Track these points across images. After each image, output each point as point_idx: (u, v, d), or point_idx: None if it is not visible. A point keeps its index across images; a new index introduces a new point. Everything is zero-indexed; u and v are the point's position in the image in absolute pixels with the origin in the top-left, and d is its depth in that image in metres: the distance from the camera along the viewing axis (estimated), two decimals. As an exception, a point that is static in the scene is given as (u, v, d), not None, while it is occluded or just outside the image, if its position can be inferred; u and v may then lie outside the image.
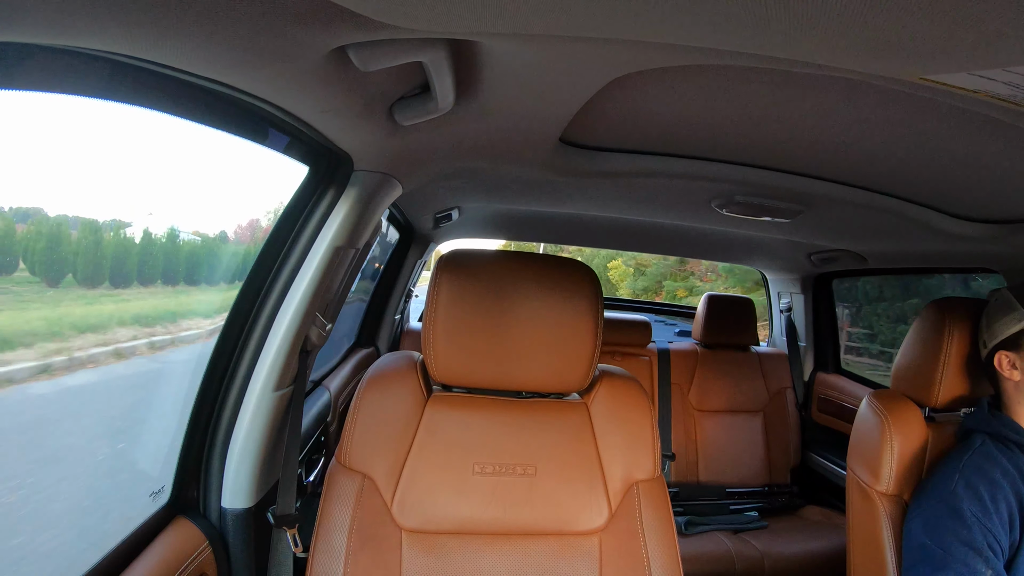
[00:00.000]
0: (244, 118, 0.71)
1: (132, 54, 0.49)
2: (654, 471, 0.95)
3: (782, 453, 2.31)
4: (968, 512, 0.91)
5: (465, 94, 0.75)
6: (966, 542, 0.90)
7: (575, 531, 0.91)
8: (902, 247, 1.62)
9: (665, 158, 1.09)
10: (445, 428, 0.92)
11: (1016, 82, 0.51)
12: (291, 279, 0.96)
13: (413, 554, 0.87)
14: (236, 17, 0.45)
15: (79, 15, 0.38)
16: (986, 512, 0.91)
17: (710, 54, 0.55)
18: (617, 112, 0.88)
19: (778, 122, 0.86)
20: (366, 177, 0.97)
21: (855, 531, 1.15)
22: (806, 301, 2.43)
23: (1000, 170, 0.90)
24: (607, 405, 0.97)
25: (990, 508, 0.92)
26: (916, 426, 1.11)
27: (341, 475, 0.88)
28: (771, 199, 1.26)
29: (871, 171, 1.05)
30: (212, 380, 0.94)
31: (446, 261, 0.93)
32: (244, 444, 0.95)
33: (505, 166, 1.15)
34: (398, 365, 0.96)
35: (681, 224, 1.77)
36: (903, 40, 0.44)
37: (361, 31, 0.51)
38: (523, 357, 0.92)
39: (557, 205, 1.63)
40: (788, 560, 1.81)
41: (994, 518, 0.91)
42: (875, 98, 0.72)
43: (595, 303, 0.93)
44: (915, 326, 1.16)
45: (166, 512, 0.89)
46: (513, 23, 0.49)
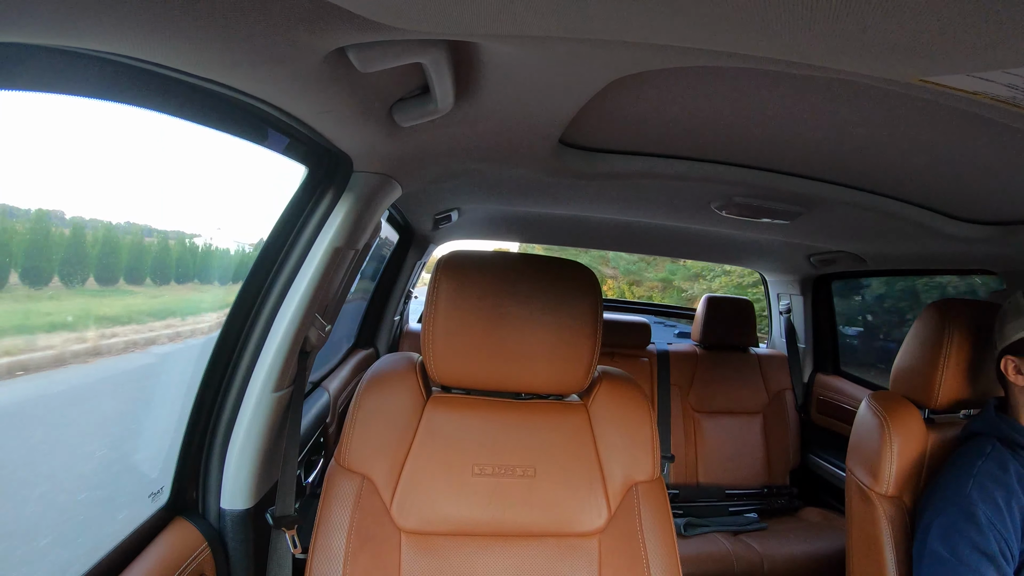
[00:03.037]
0: (243, 119, 0.71)
1: (132, 55, 0.49)
2: (653, 472, 0.95)
3: (781, 455, 2.31)
4: (983, 517, 0.91)
5: (464, 95, 0.76)
6: (979, 548, 0.89)
7: (574, 532, 0.91)
8: (901, 249, 1.62)
9: (664, 159, 1.10)
10: (444, 429, 0.92)
11: (1016, 83, 0.51)
12: (290, 280, 0.96)
13: (412, 555, 0.87)
14: (236, 18, 0.45)
15: (79, 16, 0.38)
16: (1000, 517, 0.91)
17: (709, 55, 0.55)
18: (616, 113, 0.88)
19: (777, 123, 0.86)
20: (365, 178, 0.97)
21: (855, 533, 1.15)
22: (805, 302, 2.43)
23: (999, 171, 0.90)
24: (606, 406, 0.97)
25: (1004, 513, 0.91)
26: (916, 428, 1.11)
27: (340, 476, 0.88)
28: (770, 200, 1.26)
29: (870, 173, 1.05)
30: (211, 381, 0.94)
31: (445, 262, 0.93)
32: (243, 445, 0.95)
33: (504, 167, 1.15)
34: (397, 366, 0.96)
35: (680, 225, 1.77)
36: (902, 41, 0.44)
37: (361, 32, 0.51)
38: (522, 358, 0.92)
39: (556, 206, 1.63)
40: (787, 562, 1.81)
41: (1008, 523, 0.91)
42: (875, 99, 0.72)
43: (594, 304, 0.93)
44: (915, 327, 1.16)
45: (165, 513, 0.89)
46: (512, 24, 0.49)
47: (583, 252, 9.26)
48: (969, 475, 0.96)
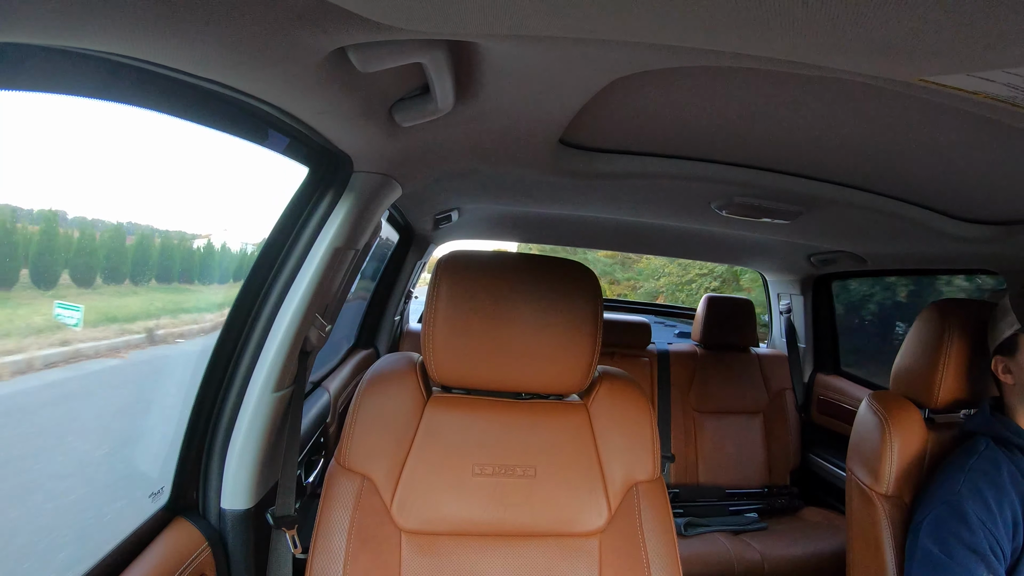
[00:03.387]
0: (244, 119, 0.71)
1: (132, 55, 0.49)
2: (654, 472, 0.95)
3: (782, 454, 2.31)
4: (973, 515, 0.91)
5: (465, 95, 0.76)
6: (970, 546, 0.89)
7: (575, 532, 0.91)
8: (902, 248, 1.62)
9: (665, 159, 1.10)
10: (445, 429, 0.92)
11: (1016, 83, 0.51)
12: (291, 280, 0.96)
13: (413, 555, 0.87)
14: (236, 18, 0.45)
15: (79, 16, 0.38)
16: (991, 516, 0.91)
17: (709, 55, 0.55)
18: (617, 113, 0.88)
19: (778, 123, 0.86)
20: (366, 178, 0.97)
21: (855, 532, 1.15)
22: (806, 302, 2.43)
23: (1000, 171, 0.90)
24: (607, 406, 0.97)
25: (995, 512, 0.91)
26: (916, 427, 1.11)
27: (340, 476, 0.88)
28: (771, 200, 1.26)
29: (871, 172, 1.05)
30: (212, 381, 0.94)
31: (445, 262, 0.93)
32: (243, 445, 0.95)
33: (505, 167, 1.15)
34: (398, 366, 0.96)
35: (680, 225, 1.77)
36: (902, 41, 0.44)
37: (361, 32, 0.51)
38: (523, 358, 0.92)
39: (557, 206, 1.63)
40: (788, 562, 1.81)
41: (998, 522, 0.91)
42: (875, 99, 0.72)
43: (595, 304, 0.93)
44: (915, 327, 1.16)
45: (165, 513, 0.89)
46: (513, 24, 0.49)
47: (571, 252, 9.47)
48: (960, 474, 0.97)
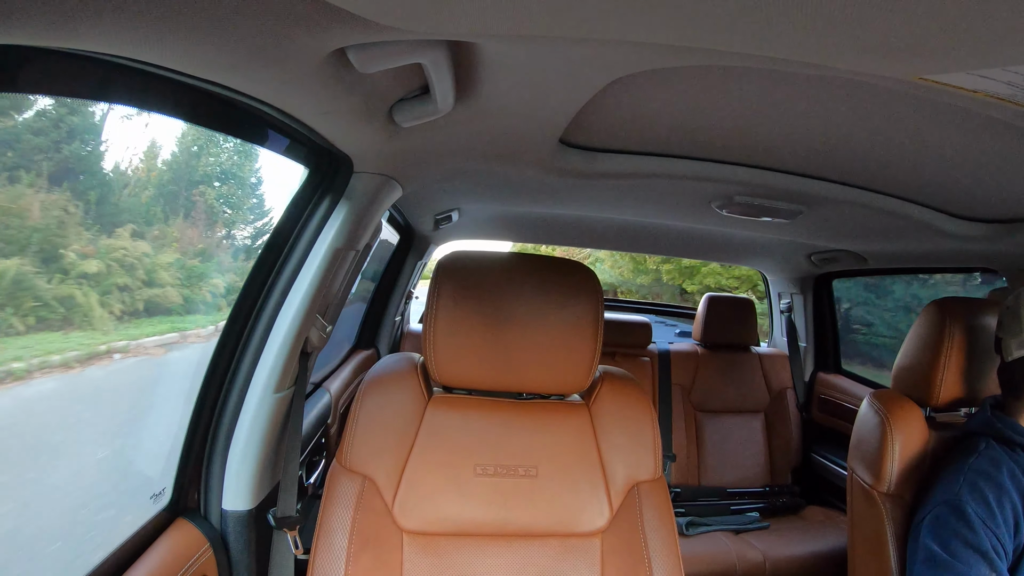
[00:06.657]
0: (244, 120, 0.71)
1: (132, 56, 0.49)
2: (655, 472, 0.95)
3: (783, 453, 2.31)
4: (973, 515, 0.91)
5: (465, 95, 0.76)
6: (972, 544, 0.89)
7: (576, 532, 0.91)
8: (902, 247, 1.62)
9: (665, 159, 1.10)
10: (446, 429, 0.92)
11: (1015, 82, 0.51)
12: (291, 281, 0.96)
13: (414, 556, 0.87)
14: (235, 19, 0.45)
15: (79, 17, 0.38)
16: (991, 515, 0.91)
17: (709, 55, 0.55)
18: (617, 113, 0.88)
19: (778, 122, 0.86)
20: (366, 179, 0.97)
21: (856, 531, 1.15)
22: (806, 301, 2.43)
23: (1000, 170, 0.90)
24: (608, 406, 0.97)
25: (995, 511, 0.91)
26: (917, 426, 1.11)
27: (342, 477, 0.88)
28: (771, 199, 1.26)
29: (871, 171, 1.05)
30: (213, 382, 0.94)
31: (446, 262, 0.93)
32: (245, 446, 0.95)
33: (505, 167, 1.15)
34: (399, 367, 0.96)
35: (681, 225, 1.77)
36: (902, 40, 0.44)
37: (360, 32, 0.51)
38: (523, 358, 0.92)
39: (557, 206, 1.63)
40: (789, 561, 1.81)
41: (999, 520, 0.91)
42: (875, 98, 0.72)
43: (595, 304, 0.93)
44: (916, 326, 1.16)
45: (167, 514, 0.89)
46: (512, 24, 0.49)
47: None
48: (960, 473, 0.97)
